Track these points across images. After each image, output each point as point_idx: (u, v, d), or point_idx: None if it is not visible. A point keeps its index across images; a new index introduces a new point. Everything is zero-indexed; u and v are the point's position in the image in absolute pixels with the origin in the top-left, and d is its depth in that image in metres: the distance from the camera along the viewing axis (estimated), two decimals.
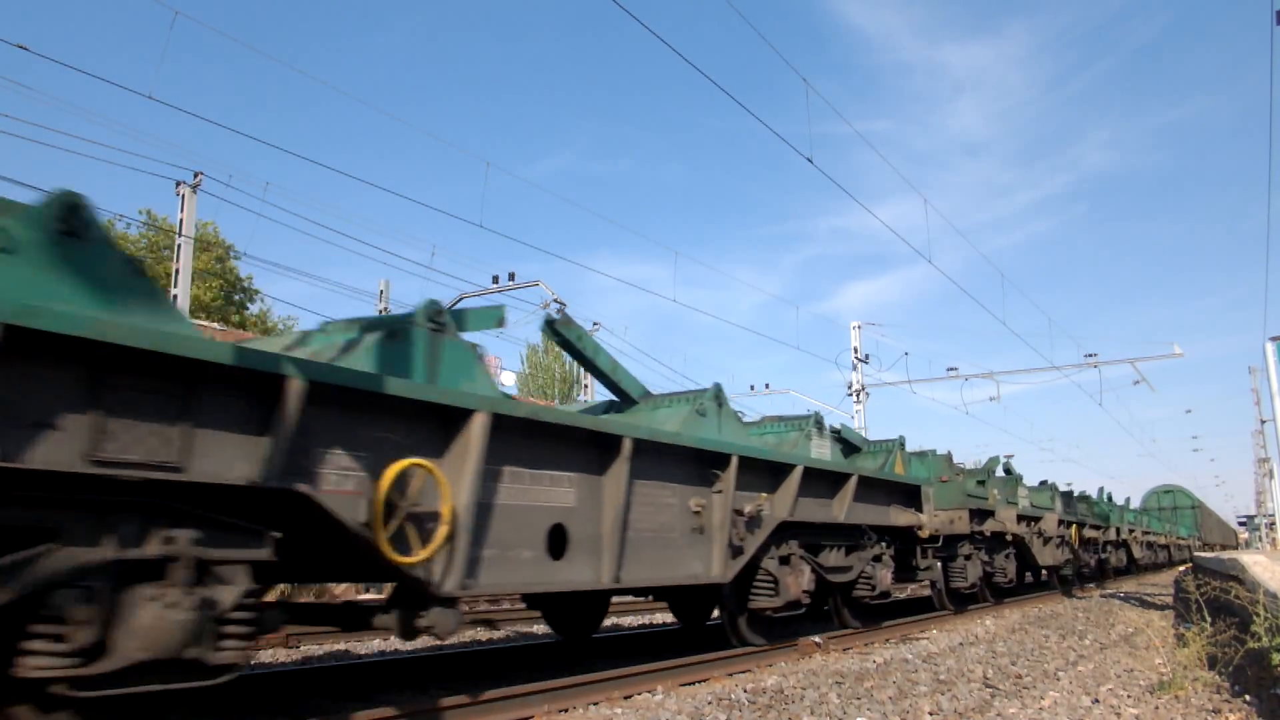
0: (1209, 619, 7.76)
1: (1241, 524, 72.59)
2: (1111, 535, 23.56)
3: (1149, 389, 29.59)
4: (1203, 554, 36.84)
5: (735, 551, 6.76)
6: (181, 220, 17.92)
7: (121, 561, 3.22)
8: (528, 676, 5.66)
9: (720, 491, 6.68)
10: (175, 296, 17.72)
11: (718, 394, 7.27)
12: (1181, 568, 34.64)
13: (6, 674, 3.10)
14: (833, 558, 8.39)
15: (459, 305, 22.89)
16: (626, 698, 5.42)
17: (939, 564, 11.39)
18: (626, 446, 5.64)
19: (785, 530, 7.49)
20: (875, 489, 9.38)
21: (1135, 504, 49.26)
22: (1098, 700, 5.48)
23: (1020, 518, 13.91)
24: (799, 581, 7.51)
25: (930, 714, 5.02)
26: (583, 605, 8.33)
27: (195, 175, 17.81)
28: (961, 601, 12.54)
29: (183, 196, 17.81)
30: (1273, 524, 44.98)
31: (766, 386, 35.66)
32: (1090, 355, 26.76)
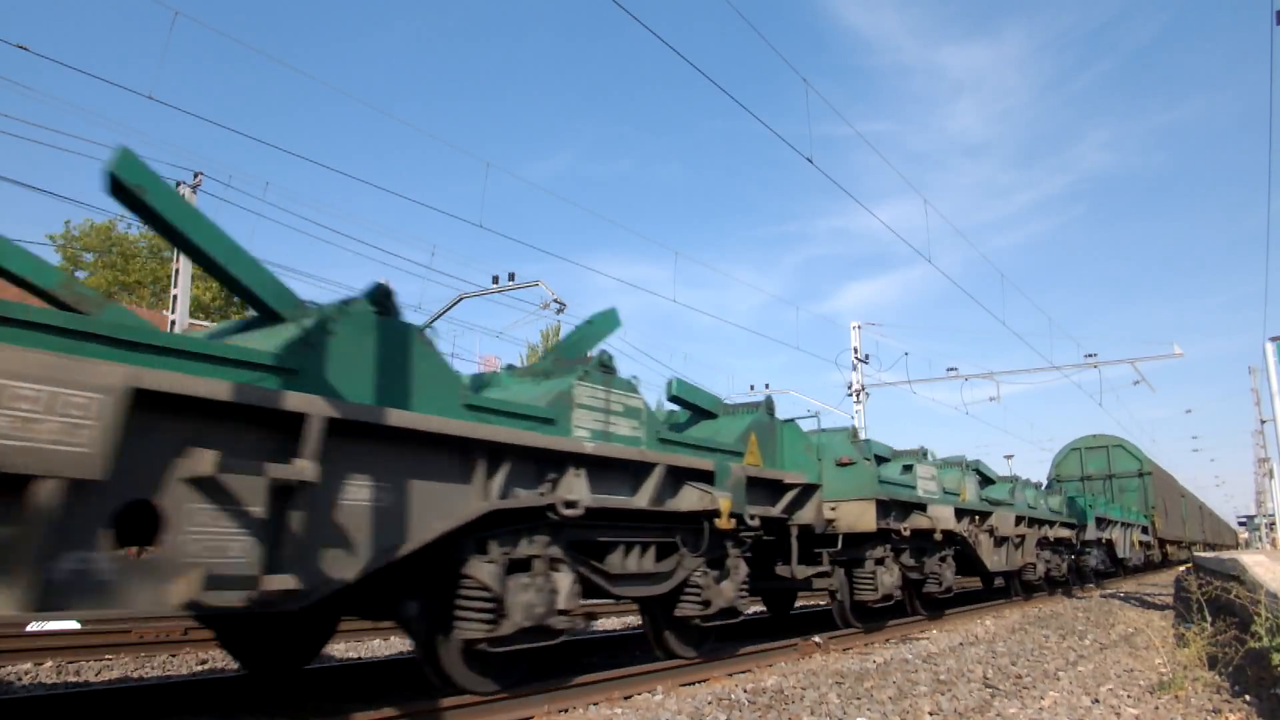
0: (1209, 619, 7.76)
1: (1241, 524, 72.54)
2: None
3: (1149, 389, 29.60)
4: (1203, 555, 33.38)
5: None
6: None
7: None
8: (527, 677, 5.66)
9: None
10: (175, 297, 17.71)
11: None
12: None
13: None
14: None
15: (457, 305, 22.81)
16: (626, 698, 5.42)
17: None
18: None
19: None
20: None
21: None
22: (1098, 700, 5.47)
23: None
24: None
25: (930, 714, 5.02)
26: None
27: (195, 175, 17.80)
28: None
29: (183, 197, 17.80)
30: (1273, 524, 44.99)
31: (766, 386, 35.71)
32: (1090, 355, 26.80)
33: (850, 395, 28.07)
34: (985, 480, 14.31)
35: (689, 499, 6.22)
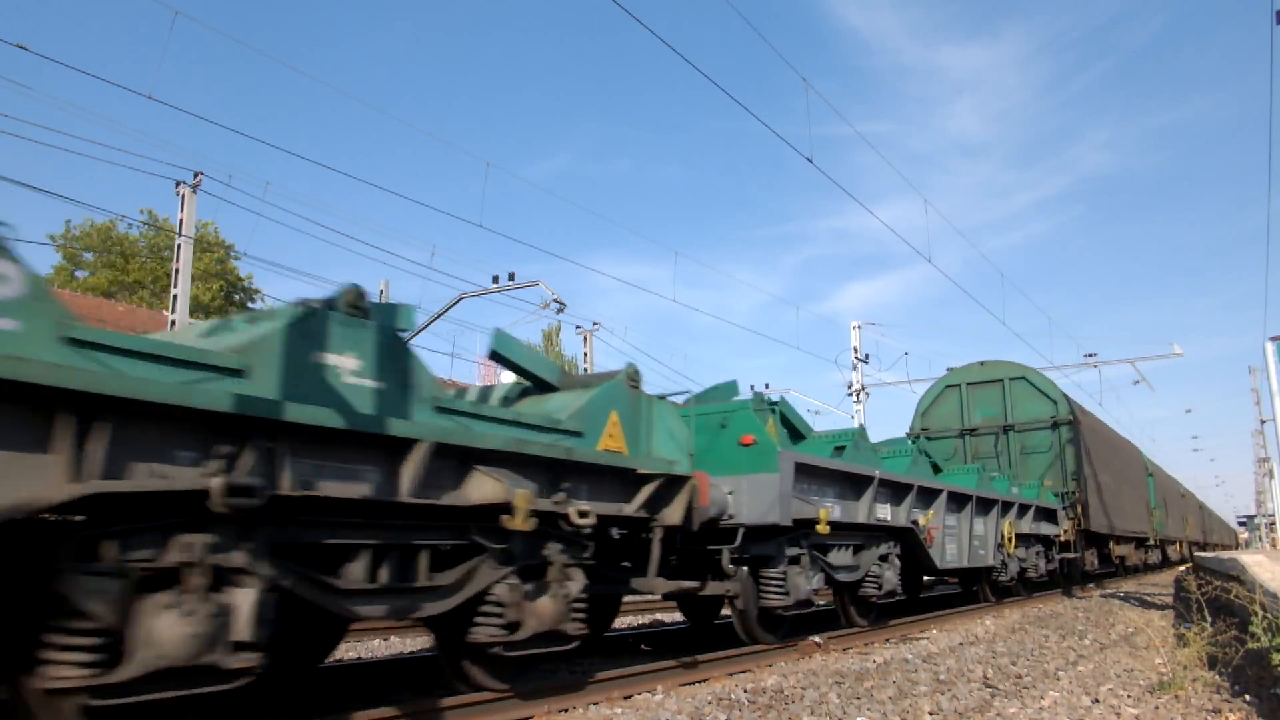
0: (1209, 619, 7.76)
1: (1241, 524, 72.51)
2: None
3: (1149, 389, 29.64)
4: (1202, 555, 30.39)
5: None
6: (181, 220, 17.92)
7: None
8: (528, 676, 5.66)
9: None
10: (175, 296, 17.72)
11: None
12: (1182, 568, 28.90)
13: None
14: None
15: (457, 305, 22.81)
16: (626, 698, 5.42)
17: None
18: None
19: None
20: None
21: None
22: (1098, 700, 5.48)
23: None
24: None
25: (930, 714, 5.02)
26: None
27: (195, 175, 17.80)
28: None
29: (183, 196, 17.81)
30: (1273, 524, 44.99)
31: (766, 386, 35.69)
32: (1090, 355, 26.85)
33: (850, 395, 28.10)
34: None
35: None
